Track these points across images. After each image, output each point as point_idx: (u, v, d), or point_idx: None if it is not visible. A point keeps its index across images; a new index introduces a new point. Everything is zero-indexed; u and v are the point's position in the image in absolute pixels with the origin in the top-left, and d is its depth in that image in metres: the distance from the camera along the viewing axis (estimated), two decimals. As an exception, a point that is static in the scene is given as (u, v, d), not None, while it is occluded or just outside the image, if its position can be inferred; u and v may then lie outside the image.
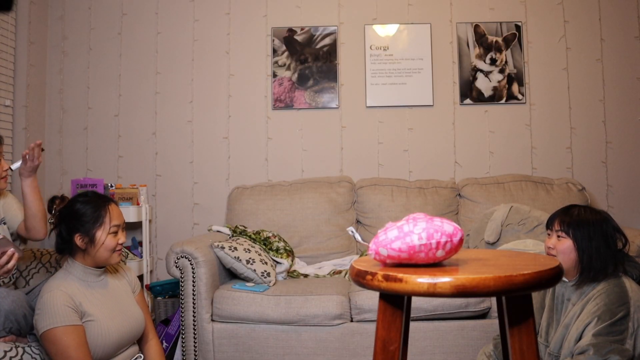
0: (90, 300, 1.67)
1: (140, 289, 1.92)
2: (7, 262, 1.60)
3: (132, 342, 1.79)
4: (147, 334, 1.87)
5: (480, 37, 3.21)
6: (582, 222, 1.53)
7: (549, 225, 1.61)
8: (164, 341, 2.51)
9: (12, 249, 1.61)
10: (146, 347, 1.86)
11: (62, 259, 1.77)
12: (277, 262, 2.59)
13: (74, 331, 1.56)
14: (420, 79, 3.21)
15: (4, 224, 1.97)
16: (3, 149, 1.93)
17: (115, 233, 1.72)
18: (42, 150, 1.87)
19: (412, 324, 2.22)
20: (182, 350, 2.30)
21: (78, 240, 1.67)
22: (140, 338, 1.85)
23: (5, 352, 1.60)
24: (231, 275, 2.54)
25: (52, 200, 1.80)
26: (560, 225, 1.56)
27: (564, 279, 1.59)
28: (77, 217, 1.68)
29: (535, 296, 1.73)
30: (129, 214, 2.87)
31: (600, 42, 3.20)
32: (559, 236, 1.56)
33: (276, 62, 3.24)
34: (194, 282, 2.28)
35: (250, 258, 2.39)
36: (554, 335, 1.57)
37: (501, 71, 3.20)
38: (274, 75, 3.24)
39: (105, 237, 1.68)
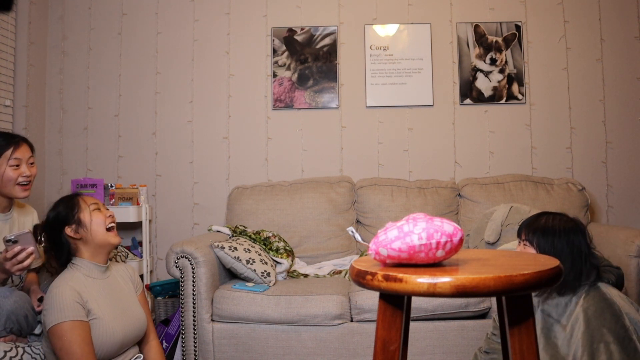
0: (96, 298, 1.67)
1: (142, 290, 1.92)
2: (25, 259, 1.60)
3: (134, 342, 1.79)
4: (148, 335, 1.87)
5: (480, 37, 3.21)
6: (547, 231, 1.50)
7: (518, 232, 1.59)
8: (164, 341, 2.51)
9: (32, 248, 1.62)
10: (146, 348, 1.85)
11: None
12: (277, 262, 2.59)
13: (80, 327, 1.56)
14: (420, 79, 3.21)
15: None
16: (27, 152, 1.89)
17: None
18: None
19: (412, 324, 2.22)
20: (182, 350, 2.30)
21: (69, 231, 1.69)
22: (141, 339, 1.85)
23: (5, 352, 1.60)
24: (231, 275, 2.54)
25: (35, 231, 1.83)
26: (526, 234, 1.54)
27: None
28: (58, 219, 1.72)
29: None
30: (129, 214, 2.87)
31: (600, 42, 3.20)
32: (524, 244, 1.54)
33: (276, 62, 3.24)
34: (194, 282, 2.28)
35: (250, 258, 2.39)
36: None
37: (501, 71, 3.20)
38: (274, 75, 3.24)
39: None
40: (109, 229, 1.75)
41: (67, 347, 1.53)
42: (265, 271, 2.39)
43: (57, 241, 1.71)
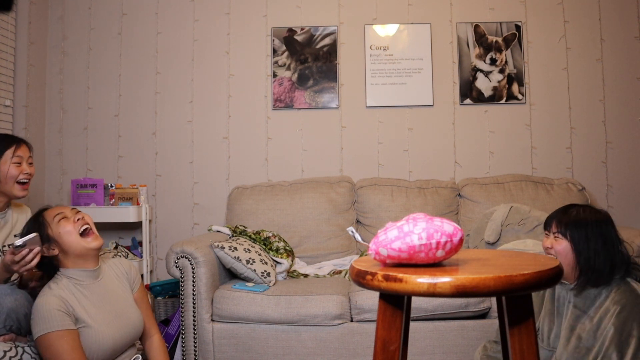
0: (85, 305, 1.63)
1: (141, 284, 1.88)
2: (32, 259, 1.61)
3: (130, 345, 1.76)
4: (149, 330, 1.84)
5: (480, 37, 3.21)
6: (580, 222, 1.50)
7: (547, 225, 1.58)
8: (164, 341, 2.50)
9: (39, 248, 1.61)
10: (148, 343, 1.84)
11: None
12: (277, 262, 2.59)
13: (67, 336, 1.53)
14: (420, 79, 3.21)
15: None
16: (27, 152, 1.96)
17: None
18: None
19: (412, 324, 2.22)
20: (182, 350, 2.30)
21: (44, 251, 1.63)
22: (143, 334, 1.84)
23: (5, 352, 1.59)
24: (231, 275, 2.54)
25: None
26: (557, 227, 1.53)
27: (564, 281, 1.57)
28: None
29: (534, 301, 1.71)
30: (129, 214, 2.87)
31: (600, 42, 3.20)
32: (556, 237, 1.54)
33: (276, 62, 3.24)
34: (194, 282, 2.28)
35: (250, 258, 2.39)
36: (563, 344, 1.53)
37: (501, 71, 3.20)
38: (274, 75, 3.24)
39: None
40: (83, 234, 1.66)
41: (56, 356, 1.51)
42: (265, 271, 2.39)
43: (40, 262, 1.65)
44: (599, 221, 1.51)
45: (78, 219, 1.67)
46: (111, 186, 2.97)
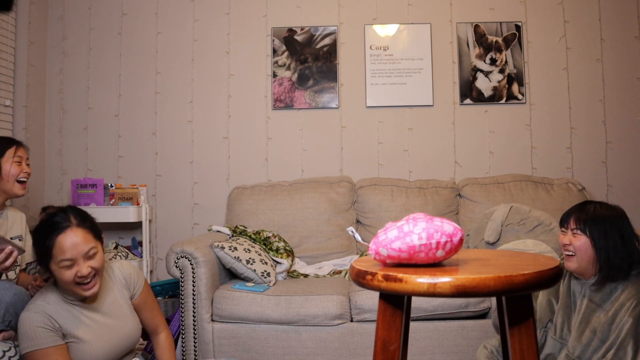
0: (75, 321, 1.56)
1: (144, 285, 1.80)
2: (5, 259, 1.59)
3: (125, 354, 1.71)
4: (157, 327, 1.81)
5: (480, 37, 3.21)
6: (598, 218, 1.51)
7: (564, 222, 1.59)
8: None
9: (9, 247, 1.58)
10: (156, 339, 1.82)
11: None
12: (277, 262, 2.59)
13: (54, 352, 1.48)
14: (420, 79, 3.21)
15: (20, 240, 1.98)
16: (25, 154, 2.01)
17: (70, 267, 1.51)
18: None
19: (412, 324, 2.22)
20: (182, 350, 2.30)
21: (42, 270, 1.57)
22: (151, 332, 1.80)
23: (4, 352, 1.59)
24: (231, 275, 2.54)
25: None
26: (576, 223, 1.54)
27: (580, 277, 1.57)
28: (36, 253, 1.54)
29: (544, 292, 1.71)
30: (129, 214, 2.87)
31: (600, 42, 3.20)
32: (574, 233, 1.54)
33: (276, 62, 3.24)
34: (194, 282, 2.28)
35: (250, 258, 2.39)
36: (576, 337, 1.54)
37: (501, 71, 3.20)
38: (274, 75, 3.24)
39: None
40: (79, 283, 1.52)
41: None
42: (265, 271, 2.39)
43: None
44: (616, 217, 1.53)
45: (82, 275, 1.50)
46: (111, 186, 2.97)
